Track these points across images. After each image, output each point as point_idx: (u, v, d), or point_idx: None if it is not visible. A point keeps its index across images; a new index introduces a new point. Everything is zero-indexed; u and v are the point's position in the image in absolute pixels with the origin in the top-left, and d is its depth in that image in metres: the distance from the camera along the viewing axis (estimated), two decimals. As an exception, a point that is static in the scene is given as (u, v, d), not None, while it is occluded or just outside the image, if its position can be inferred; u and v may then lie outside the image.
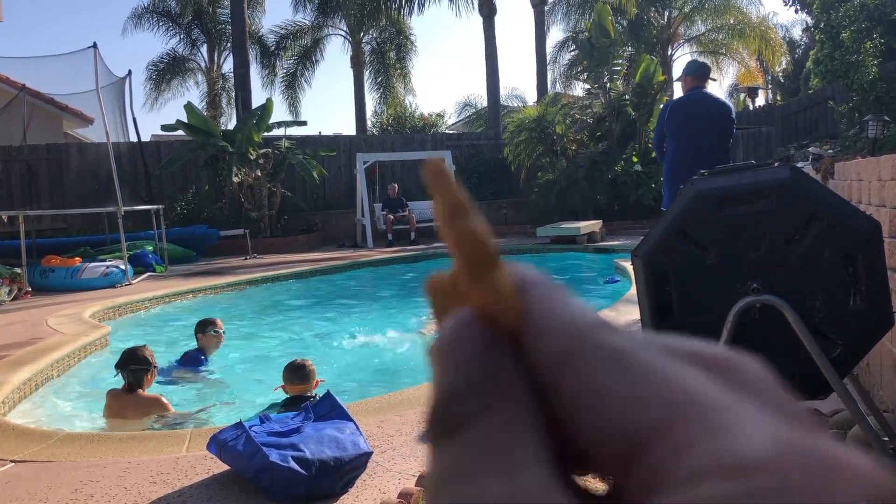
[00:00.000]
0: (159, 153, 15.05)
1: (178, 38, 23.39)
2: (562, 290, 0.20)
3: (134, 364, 3.78)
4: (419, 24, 69.29)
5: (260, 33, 23.72)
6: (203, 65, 24.03)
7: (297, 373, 3.57)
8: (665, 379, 0.17)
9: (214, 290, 8.52)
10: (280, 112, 33.68)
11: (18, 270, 8.20)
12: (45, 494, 2.39)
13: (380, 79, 23.60)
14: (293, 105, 23.70)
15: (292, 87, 23.51)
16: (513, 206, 16.41)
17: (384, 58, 23.50)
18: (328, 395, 2.74)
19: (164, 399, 3.86)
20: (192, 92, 24.47)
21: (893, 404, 2.50)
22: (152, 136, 17.56)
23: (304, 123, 15.52)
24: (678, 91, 5.60)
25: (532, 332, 0.19)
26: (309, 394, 3.48)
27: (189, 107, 13.59)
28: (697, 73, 4.99)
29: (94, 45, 9.62)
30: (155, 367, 3.95)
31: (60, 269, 8.80)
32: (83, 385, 4.69)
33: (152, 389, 3.98)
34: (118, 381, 3.93)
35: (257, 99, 25.76)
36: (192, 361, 4.98)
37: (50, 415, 4.09)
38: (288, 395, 3.54)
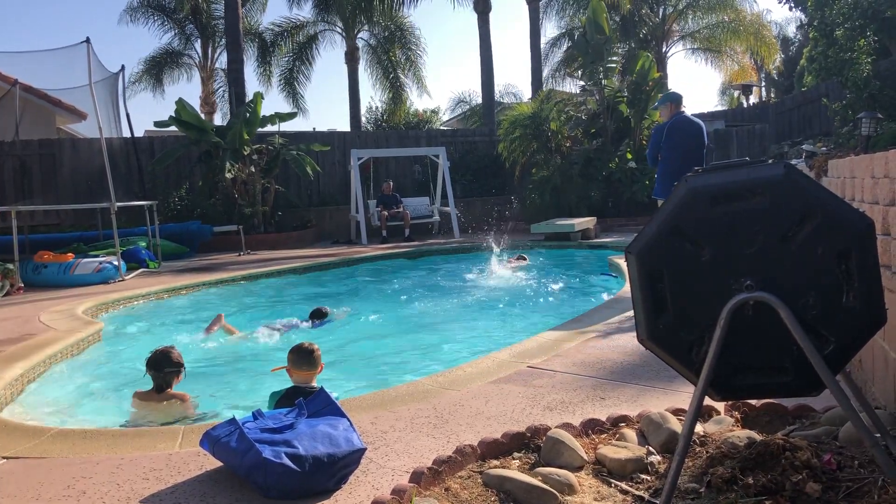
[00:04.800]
0: (153, 149, 14.98)
1: (172, 32, 23.31)
2: None
3: (169, 367, 3.82)
4: (413, 20, 69.11)
5: (258, 29, 23.63)
6: (197, 60, 23.94)
7: (306, 358, 3.42)
8: None
9: (207, 287, 8.49)
10: (281, 108, 33.49)
11: (11, 266, 8.16)
12: (37, 491, 2.38)
13: (390, 76, 23.46)
14: (295, 101, 23.57)
15: (291, 83, 23.39)
16: (507, 203, 16.42)
17: (387, 56, 23.37)
18: (322, 391, 2.73)
19: (188, 396, 3.87)
20: (186, 87, 24.43)
21: (886, 401, 2.51)
22: (146, 131, 17.50)
23: (294, 115, 15.44)
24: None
25: None
26: (314, 384, 3.38)
27: (181, 103, 13.51)
28: (676, 101, 6.53)
29: (87, 40, 9.56)
30: (184, 367, 4.00)
31: (53, 265, 8.76)
32: (76, 381, 4.68)
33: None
34: (136, 379, 3.91)
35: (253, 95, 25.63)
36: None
37: (42, 411, 4.07)
38: (292, 381, 3.44)
